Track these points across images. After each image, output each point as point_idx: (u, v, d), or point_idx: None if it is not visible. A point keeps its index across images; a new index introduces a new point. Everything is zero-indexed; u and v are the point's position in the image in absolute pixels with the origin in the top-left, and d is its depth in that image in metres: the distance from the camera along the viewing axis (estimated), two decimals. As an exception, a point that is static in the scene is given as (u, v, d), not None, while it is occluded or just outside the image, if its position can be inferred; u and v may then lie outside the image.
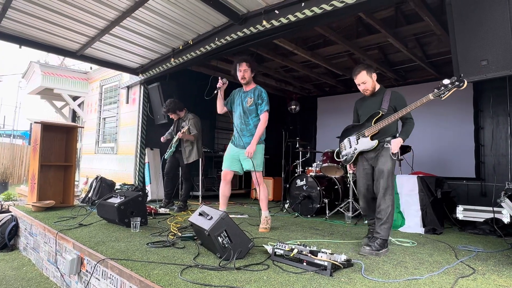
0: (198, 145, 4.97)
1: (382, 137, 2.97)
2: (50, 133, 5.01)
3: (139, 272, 2.23)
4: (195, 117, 5.01)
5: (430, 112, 6.47)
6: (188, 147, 4.91)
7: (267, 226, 3.67)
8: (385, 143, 2.95)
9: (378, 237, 2.84)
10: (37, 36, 4.90)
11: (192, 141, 4.91)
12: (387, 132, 2.98)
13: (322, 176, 5.23)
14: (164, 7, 4.01)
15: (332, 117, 7.89)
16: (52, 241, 3.50)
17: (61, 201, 5.05)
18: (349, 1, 3.14)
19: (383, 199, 2.88)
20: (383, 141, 2.97)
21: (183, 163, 4.95)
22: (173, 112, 5.02)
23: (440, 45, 5.34)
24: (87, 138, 8.37)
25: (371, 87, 3.06)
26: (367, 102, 3.16)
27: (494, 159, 5.68)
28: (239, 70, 3.72)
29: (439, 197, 4.10)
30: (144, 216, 3.75)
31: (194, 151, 4.93)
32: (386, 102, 2.99)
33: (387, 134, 2.98)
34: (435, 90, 2.66)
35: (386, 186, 2.88)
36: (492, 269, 2.48)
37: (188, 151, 4.91)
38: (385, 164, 2.90)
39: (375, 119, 2.97)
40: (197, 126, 4.96)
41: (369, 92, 3.09)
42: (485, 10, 2.64)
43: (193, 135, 4.88)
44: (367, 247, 2.80)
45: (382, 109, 2.97)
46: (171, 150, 5.01)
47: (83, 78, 8.58)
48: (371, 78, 3.05)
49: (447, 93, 2.60)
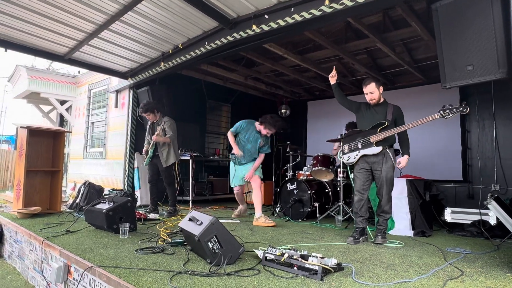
0: (174, 147, 4.91)
1: (384, 144, 3.40)
2: (36, 138, 4.92)
3: (128, 279, 2.19)
4: (170, 120, 4.94)
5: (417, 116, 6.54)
6: (164, 150, 4.83)
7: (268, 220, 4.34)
8: (387, 151, 3.40)
9: (382, 229, 3.45)
10: (24, 40, 4.81)
11: (168, 143, 4.84)
12: (388, 141, 3.43)
13: (313, 179, 5.25)
14: (153, 11, 3.99)
15: (322, 121, 7.94)
16: (38, 249, 3.42)
17: (47, 208, 4.94)
18: (338, 6, 3.18)
19: (387, 200, 3.42)
20: (384, 148, 3.40)
21: (162, 167, 4.86)
22: (151, 112, 4.86)
23: (427, 50, 5.44)
24: (75, 143, 8.23)
25: (377, 97, 3.47)
26: (371, 110, 3.56)
27: (480, 162, 5.78)
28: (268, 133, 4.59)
29: (428, 200, 4.15)
30: (133, 222, 3.70)
31: (171, 153, 4.86)
32: (390, 114, 3.43)
33: (388, 142, 3.44)
34: (440, 111, 3.10)
35: (389, 190, 3.42)
36: (480, 270, 2.52)
37: (166, 154, 4.83)
38: (389, 173, 3.39)
39: (380, 128, 3.38)
40: (173, 128, 4.89)
41: (374, 101, 3.49)
42: (470, 17, 2.70)
43: (169, 137, 4.81)
44: (380, 237, 3.37)
45: (388, 120, 3.41)
46: (149, 156, 4.89)
47: (71, 82, 8.46)
48: (378, 90, 3.47)
49: (451, 115, 3.05)
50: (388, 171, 3.38)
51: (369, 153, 3.43)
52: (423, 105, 6.52)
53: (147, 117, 4.98)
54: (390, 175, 3.39)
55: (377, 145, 3.39)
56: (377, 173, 3.42)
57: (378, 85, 3.46)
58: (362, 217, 3.47)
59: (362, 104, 3.63)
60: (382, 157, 3.40)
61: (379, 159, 3.40)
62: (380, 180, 3.40)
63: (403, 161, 3.43)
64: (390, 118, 3.41)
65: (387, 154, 3.41)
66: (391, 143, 3.47)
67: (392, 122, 3.40)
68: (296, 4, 3.48)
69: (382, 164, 3.39)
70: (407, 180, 4.10)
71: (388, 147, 3.42)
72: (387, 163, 3.38)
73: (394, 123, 3.41)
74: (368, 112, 3.57)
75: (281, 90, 8.11)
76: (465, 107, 2.97)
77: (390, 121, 3.39)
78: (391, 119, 3.41)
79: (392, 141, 3.48)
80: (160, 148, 4.85)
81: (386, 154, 3.41)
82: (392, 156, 3.40)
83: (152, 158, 4.92)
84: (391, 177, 3.40)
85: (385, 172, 3.37)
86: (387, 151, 3.41)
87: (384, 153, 3.41)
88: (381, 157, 3.40)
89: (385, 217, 3.45)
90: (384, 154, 3.41)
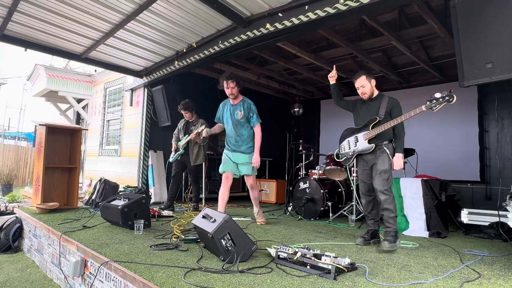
0: (205, 149, 5.07)
1: (379, 141, 3.20)
2: (54, 135, 5.04)
3: (143, 274, 2.23)
4: (205, 123, 5.05)
5: (434, 115, 6.43)
6: (195, 150, 4.99)
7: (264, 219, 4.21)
8: (383, 146, 3.19)
9: (391, 230, 3.07)
10: (42, 39, 4.94)
11: (200, 144, 4.97)
12: (384, 137, 3.20)
13: (326, 179, 5.22)
14: (168, 10, 4.03)
15: (335, 120, 7.87)
16: (56, 243, 3.51)
17: (65, 203, 5.06)
18: (353, 4, 3.14)
19: (383, 194, 3.11)
20: (380, 144, 3.20)
21: (190, 165, 5.03)
22: (190, 111, 5.08)
23: (444, 47, 5.32)
24: (91, 140, 8.40)
25: (369, 91, 3.27)
26: (365, 106, 3.36)
27: (499, 163, 5.64)
28: (227, 87, 4.04)
29: (444, 201, 4.07)
30: (148, 219, 3.76)
31: (201, 154, 5.02)
32: (383, 108, 3.19)
33: (384, 138, 3.21)
34: (427, 103, 2.85)
35: (385, 183, 3.12)
36: (497, 273, 2.46)
37: (196, 153, 5.00)
38: (383, 165, 3.14)
39: (372, 124, 3.19)
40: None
41: (366, 96, 3.29)
42: (490, 13, 2.63)
43: (203, 138, 4.91)
44: (386, 242, 2.98)
45: (379, 115, 3.18)
46: (180, 152, 5.07)
47: (88, 80, 8.63)
48: (370, 83, 3.26)
49: (438, 106, 2.79)
50: (381, 164, 3.14)
51: (364, 151, 3.26)
52: (440, 104, 6.40)
53: (185, 115, 5.17)
54: (383, 168, 3.13)
55: (370, 143, 3.21)
56: (374, 167, 3.23)
57: (369, 77, 3.25)
58: (373, 219, 3.34)
59: (358, 101, 3.46)
60: (378, 153, 3.20)
61: (376, 156, 3.21)
62: (375, 172, 3.19)
63: (395, 162, 3.14)
64: (383, 112, 3.18)
65: (382, 150, 3.19)
66: (388, 138, 3.21)
67: (386, 117, 3.16)
68: (310, 2, 3.46)
69: (377, 160, 3.19)
70: (422, 180, 4.03)
71: (386, 142, 3.20)
72: (382, 156, 3.17)
73: (389, 115, 3.18)
74: (363, 108, 3.38)
75: (294, 88, 8.08)
76: (451, 96, 2.74)
77: (382, 116, 3.16)
78: (384, 114, 3.17)
79: (389, 136, 3.21)
80: (191, 147, 5.02)
81: (382, 149, 3.20)
82: (389, 152, 3.17)
83: (182, 155, 5.07)
84: (385, 170, 3.13)
85: (379, 165, 3.16)
86: (383, 147, 3.20)
87: (380, 149, 3.21)
88: (376, 153, 3.21)
89: (388, 215, 3.11)
90: (380, 149, 3.21)
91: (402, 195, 4.11)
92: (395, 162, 3.13)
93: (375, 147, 3.19)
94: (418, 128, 6.43)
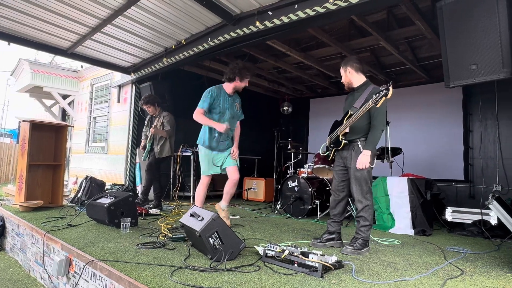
0: (171, 142, 4.98)
1: (353, 137, 2.96)
2: (39, 132, 4.93)
3: (129, 273, 2.21)
4: (170, 115, 5.03)
5: (420, 115, 6.56)
6: (161, 142, 4.93)
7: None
8: (358, 144, 2.93)
9: (359, 238, 2.89)
10: (27, 33, 4.81)
11: (165, 137, 4.92)
12: (359, 132, 2.94)
13: (314, 177, 5.25)
14: (157, 6, 3.98)
15: (324, 119, 7.92)
16: (40, 242, 3.44)
17: (49, 201, 4.96)
18: (342, 3, 3.16)
19: (360, 202, 2.90)
20: (354, 141, 2.96)
21: (154, 157, 4.95)
22: (152, 104, 4.99)
23: (431, 48, 5.41)
24: (77, 137, 8.25)
25: (345, 81, 3.09)
26: (349, 99, 3.15)
27: (482, 162, 5.77)
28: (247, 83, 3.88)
29: (429, 199, 4.15)
30: (135, 217, 3.72)
31: (166, 146, 4.94)
32: (362, 99, 2.91)
33: (360, 134, 2.94)
34: (373, 97, 2.65)
35: (361, 189, 2.89)
36: (480, 270, 2.52)
37: (160, 146, 4.92)
38: (358, 170, 2.87)
39: (346, 118, 2.97)
40: (171, 123, 4.97)
41: (345, 85, 3.11)
42: (476, 16, 2.69)
43: (166, 131, 4.89)
44: (349, 247, 2.87)
45: (353, 108, 2.92)
46: (147, 150, 5.01)
47: (74, 76, 8.46)
48: (345, 72, 3.07)
49: (380, 100, 2.61)
50: (356, 168, 2.87)
51: (338, 147, 3.05)
52: (426, 104, 6.52)
53: (147, 110, 5.08)
54: (359, 174, 2.86)
55: (343, 138, 2.99)
56: (349, 170, 2.98)
57: (344, 67, 3.05)
58: (333, 220, 3.10)
59: (349, 95, 3.21)
60: (352, 151, 2.96)
61: (349, 154, 2.97)
62: (351, 176, 2.94)
63: (359, 160, 2.83)
64: (358, 105, 2.88)
65: (356, 147, 2.92)
66: (364, 134, 2.93)
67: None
68: (300, 1, 3.46)
69: (352, 160, 2.93)
70: (409, 179, 4.10)
71: (363, 139, 2.92)
72: (356, 158, 2.88)
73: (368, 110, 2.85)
74: (347, 101, 3.16)
75: (284, 87, 8.09)
76: (387, 89, 2.55)
77: (356, 108, 2.87)
78: (359, 106, 2.86)
79: (365, 131, 2.93)
80: (156, 141, 4.96)
81: (356, 147, 2.93)
82: (362, 150, 2.89)
83: (150, 151, 5.02)
84: (361, 176, 2.87)
85: (353, 170, 2.91)
86: (357, 144, 2.93)
87: (353, 147, 2.95)
88: (351, 151, 2.96)
89: (362, 224, 2.87)
90: (354, 148, 2.94)
91: (388, 194, 4.17)
92: (359, 160, 2.83)
93: (349, 143, 2.98)
94: (405, 128, 6.53)
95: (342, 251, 2.89)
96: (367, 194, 2.89)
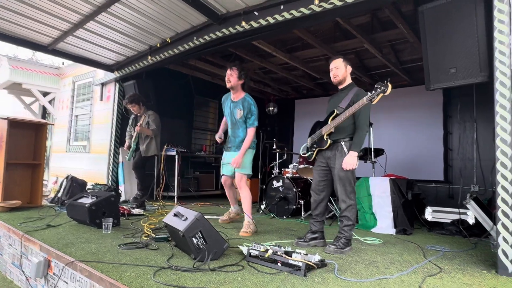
0: (156, 141, 4.95)
1: (337, 136, 2.97)
2: (17, 129, 4.78)
3: (110, 274, 2.17)
4: (155, 114, 4.99)
5: (402, 117, 6.70)
6: (146, 140, 4.89)
7: (248, 230, 3.50)
8: (341, 144, 2.95)
9: (342, 237, 2.93)
10: (5, 28, 4.66)
11: (150, 136, 4.88)
12: (343, 132, 2.96)
13: (298, 177, 5.29)
14: (141, 3, 3.93)
15: (309, 120, 7.89)
16: (17, 243, 3.34)
17: (28, 201, 4.82)
18: (327, 5, 3.20)
19: (344, 202, 2.94)
20: (338, 141, 2.98)
21: (140, 155, 4.91)
22: (136, 103, 4.93)
23: (413, 52, 5.53)
24: (58, 135, 8.04)
25: (341, 74, 3.04)
26: (333, 99, 3.16)
27: (461, 163, 5.94)
28: (226, 73, 3.63)
29: (410, 199, 4.24)
30: (117, 217, 3.65)
31: (152, 145, 4.90)
32: (347, 100, 2.94)
33: (344, 134, 2.96)
34: (368, 94, 2.66)
35: (345, 189, 2.92)
36: (457, 268, 2.59)
37: (146, 145, 4.88)
38: (342, 171, 2.89)
39: (331, 118, 2.98)
40: (157, 122, 4.94)
41: (337, 79, 3.06)
42: (455, 21, 2.77)
43: (152, 129, 4.85)
44: (332, 246, 2.90)
45: (339, 107, 2.94)
46: (132, 149, 4.96)
47: (55, 73, 8.25)
48: (345, 68, 3.06)
49: (376, 97, 2.61)
50: (341, 169, 2.88)
51: (322, 147, 3.05)
52: (408, 106, 6.66)
53: (132, 109, 5.01)
54: (344, 174, 2.88)
55: (327, 138, 2.99)
56: (332, 170, 2.98)
57: (345, 62, 3.06)
58: (315, 220, 3.13)
59: (333, 95, 3.24)
60: (335, 151, 2.97)
61: (333, 154, 2.98)
62: (335, 176, 2.96)
63: (345, 161, 2.85)
64: (344, 105, 2.90)
65: (340, 148, 2.94)
66: (348, 135, 2.95)
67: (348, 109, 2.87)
68: (286, 2, 3.49)
69: (336, 160, 2.94)
70: (390, 179, 4.18)
71: (347, 139, 2.95)
72: (340, 159, 2.90)
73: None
74: (331, 101, 3.17)
75: (269, 87, 8.12)
76: (386, 86, 2.55)
77: (342, 108, 2.89)
78: (346, 106, 2.88)
79: (350, 132, 2.96)
80: (142, 140, 4.91)
81: (340, 148, 2.95)
82: (346, 151, 2.92)
83: (135, 151, 4.96)
84: (345, 176, 2.89)
85: (337, 170, 2.91)
86: (341, 145, 2.95)
87: (337, 147, 2.97)
88: (335, 151, 2.98)
89: (345, 223, 2.92)
90: (338, 148, 2.96)
91: (371, 194, 4.25)
92: (345, 161, 2.84)
93: (333, 143, 2.99)
94: (387, 129, 6.65)
95: (325, 250, 2.93)
96: (350, 194, 2.94)
